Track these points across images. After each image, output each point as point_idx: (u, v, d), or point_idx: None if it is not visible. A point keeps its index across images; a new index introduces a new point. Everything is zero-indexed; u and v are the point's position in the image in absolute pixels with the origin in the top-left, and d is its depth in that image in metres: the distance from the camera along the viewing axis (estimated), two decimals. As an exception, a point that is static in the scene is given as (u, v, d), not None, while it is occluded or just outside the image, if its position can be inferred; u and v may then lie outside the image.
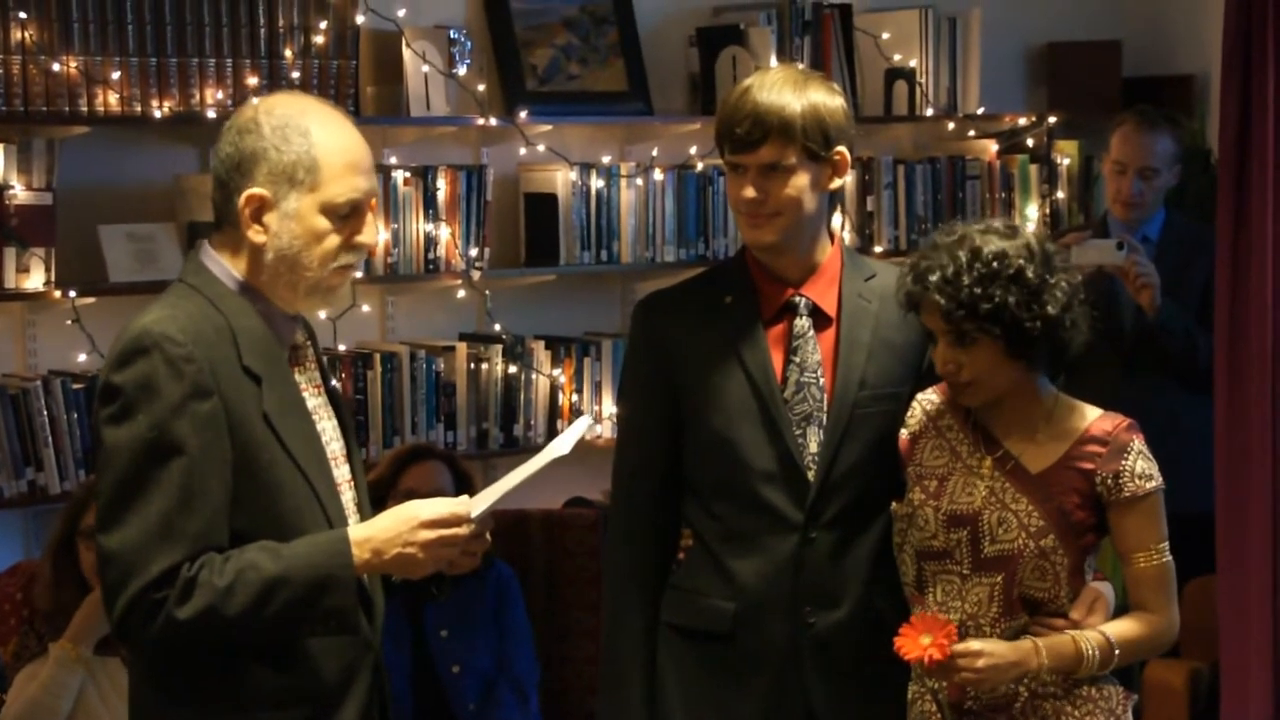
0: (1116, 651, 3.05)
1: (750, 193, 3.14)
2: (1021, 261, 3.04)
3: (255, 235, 2.73)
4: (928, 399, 3.22)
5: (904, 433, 3.21)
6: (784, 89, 3.13)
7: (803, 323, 3.21)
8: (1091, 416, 3.13)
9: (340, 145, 2.75)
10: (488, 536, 2.79)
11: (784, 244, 3.19)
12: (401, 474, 4.45)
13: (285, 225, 2.72)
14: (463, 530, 2.72)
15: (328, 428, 2.85)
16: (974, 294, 3.01)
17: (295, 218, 2.72)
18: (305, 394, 2.81)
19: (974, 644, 3.00)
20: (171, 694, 2.72)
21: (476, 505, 2.75)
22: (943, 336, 3.08)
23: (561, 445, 2.79)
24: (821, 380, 3.19)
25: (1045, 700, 3.08)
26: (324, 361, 2.95)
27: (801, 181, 3.14)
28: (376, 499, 3.21)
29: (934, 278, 3.04)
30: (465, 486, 4.43)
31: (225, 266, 2.76)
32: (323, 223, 2.73)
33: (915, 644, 2.98)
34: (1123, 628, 3.08)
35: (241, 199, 2.72)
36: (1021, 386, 3.12)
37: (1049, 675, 3.06)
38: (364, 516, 2.88)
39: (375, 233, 2.82)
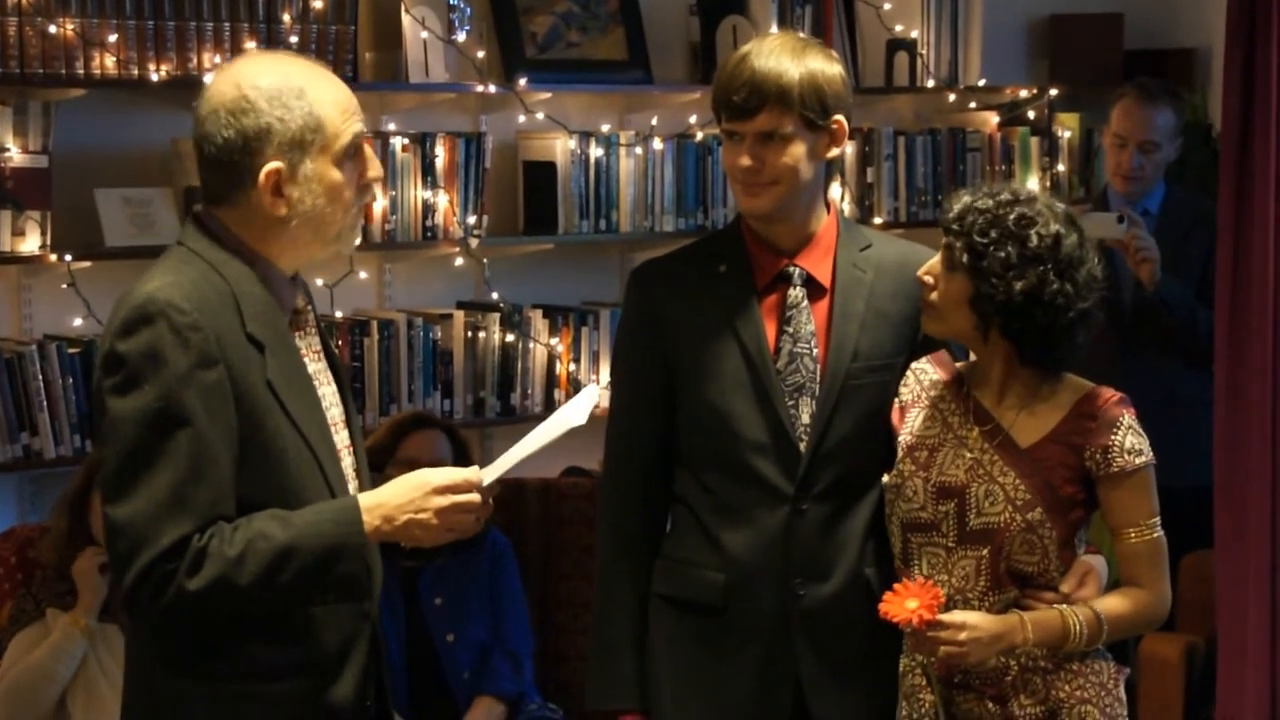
0: (1105, 627, 3.04)
1: (747, 161, 3.12)
2: (1038, 240, 3.03)
3: (278, 209, 2.70)
4: (922, 369, 3.21)
5: (896, 402, 3.20)
6: (782, 56, 3.11)
7: (797, 293, 3.19)
8: (1082, 391, 3.12)
9: (333, 96, 2.73)
10: (491, 502, 2.78)
11: (779, 213, 3.17)
12: (400, 442, 4.44)
13: (308, 189, 2.70)
14: (475, 496, 2.71)
15: (327, 393, 2.83)
16: (975, 223, 3.04)
17: (315, 179, 2.70)
18: (305, 359, 2.79)
19: (957, 615, 2.99)
20: (170, 665, 2.71)
21: (489, 473, 2.74)
22: (940, 249, 3.11)
23: (576, 415, 2.78)
24: (815, 351, 3.18)
25: (1035, 674, 3.08)
26: (323, 326, 2.93)
27: (798, 150, 3.12)
28: (375, 467, 3.19)
29: (967, 196, 3.09)
30: (462, 455, 4.42)
31: (227, 231, 2.74)
32: (337, 174, 2.72)
33: (901, 607, 2.97)
34: (1112, 603, 3.07)
35: (261, 176, 2.68)
36: (1008, 357, 3.10)
37: (1037, 649, 3.05)
38: (362, 482, 2.86)
39: (379, 164, 2.80)
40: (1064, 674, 3.08)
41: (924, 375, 3.20)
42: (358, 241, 2.85)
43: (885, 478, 3.17)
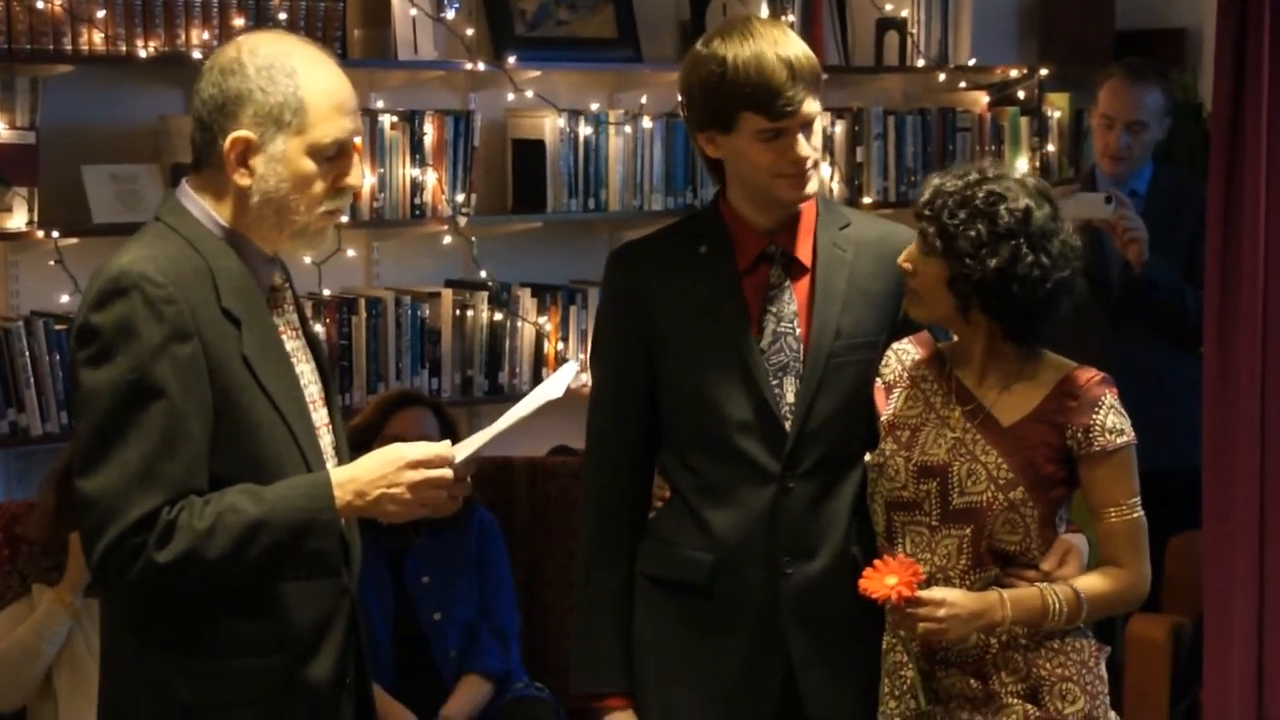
0: (1085, 606, 3.04)
1: (808, 151, 3.10)
2: (1008, 215, 3.02)
3: (241, 179, 2.70)
4: (903, 349, 3.21)
5: (879, 382, 3.20)
6: (792, 40, 3.10)
7: (778, 272, 3.19)
8: (1065, 370, 3.12)
9: (327, 86, 2.72)
10: (469, 480, 2.78)
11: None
12: (388, 419, 4.45)
13: (272, 168, 2.69)
14: (448, 472, 2.70)
15: (305, 371, 2.83)
16: (945, 205, 3.03)
17: (282, 160, 2.69)
18: (283, 337, 2.79)
19: (936, 592, 2.99)
20: (146, 642, 2.71)
21: (463, 449, 2.74)
22: (916, 235, 3.10)
23: (552, 389, 2.77)
24: (797, 330, 3.18)
25: (1016, 652, 3.08)
26: (301, 304, 2.92)
27: (820, 125, 3.15)
28: (362, 444, 3.17)
29: (936, 179, 3.08)
30: (450, 434, 4.41)
31: (204, 207, 2.73)
32: (309, 165, 2.71)
33: (880, 584, 2.97)
34: (1092, 582, 3.07)
35: (227, 142, 2.69)
36: (990, 336, 3.10)
37: (1018, 627, 3.05)
38: (342, 460, 2.86)
39: (361, 174, 2.79)
40: (1045, 651, 3.08)
41: (906, 355, 3.20)
42: (326, 250, 2.82)
43: (868, 456, 3.17)
